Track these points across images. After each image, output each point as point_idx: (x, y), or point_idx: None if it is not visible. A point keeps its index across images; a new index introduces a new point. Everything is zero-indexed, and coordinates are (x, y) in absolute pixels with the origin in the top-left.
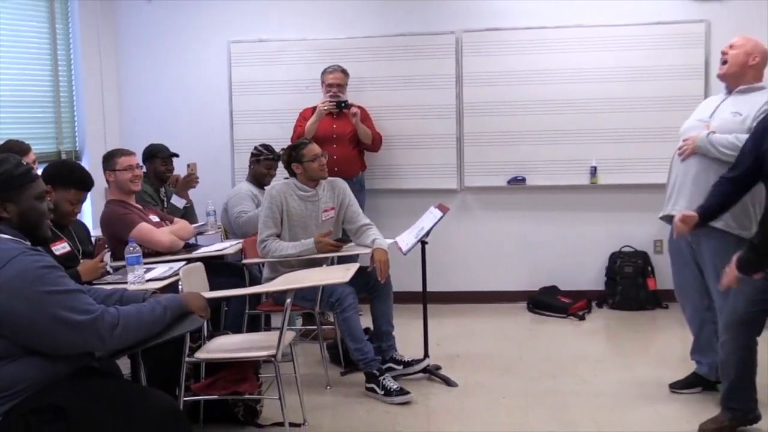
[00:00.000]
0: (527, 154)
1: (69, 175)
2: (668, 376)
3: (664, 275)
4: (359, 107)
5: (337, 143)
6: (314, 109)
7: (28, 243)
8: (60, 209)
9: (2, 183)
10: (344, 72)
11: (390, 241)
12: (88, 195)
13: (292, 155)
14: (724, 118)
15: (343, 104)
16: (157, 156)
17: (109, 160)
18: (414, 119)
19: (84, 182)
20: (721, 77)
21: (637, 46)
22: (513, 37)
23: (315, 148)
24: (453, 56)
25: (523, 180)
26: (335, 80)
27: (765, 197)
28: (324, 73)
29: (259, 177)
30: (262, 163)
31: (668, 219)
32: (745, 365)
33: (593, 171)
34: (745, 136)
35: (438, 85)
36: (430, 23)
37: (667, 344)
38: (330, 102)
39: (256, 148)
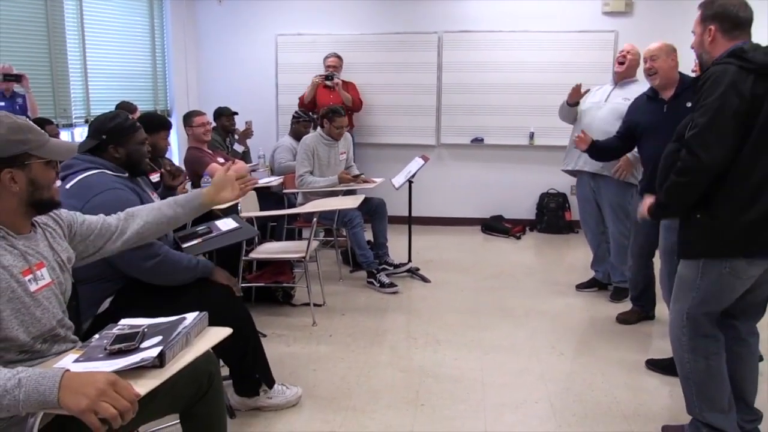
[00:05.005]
0: (485, 121)
1: (158, 123)
2: (575, 279)
3: (576, 210)
4: (344, 81)
5: None
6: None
7: (126, 175)
8: (158, 147)
9: (116, 132)
10: (339, 57)
11: (384, 179)
12: (176, 144)
13: (329, 114)
14: (617, 102)
15: (330, 78)
16: (223, 114)
17: (188, 119)
18: (406, 94)
19: (167, 124)
20: (619, 74)
21: (566, 47)
22: (479, 37)
23: (343, 121)
24: (436, 50)
25: (482, 140)
26: (332, 63)
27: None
28: (326, 57)
29: (298, 133)
30: (301, 123)
31: (571, 173)
32: (647, 278)
33: (531, 135)
34: None
35: (424, 70)
36: (420, 25)
37: (576, 257)
38: (321, 76)
39: (296, 112)
